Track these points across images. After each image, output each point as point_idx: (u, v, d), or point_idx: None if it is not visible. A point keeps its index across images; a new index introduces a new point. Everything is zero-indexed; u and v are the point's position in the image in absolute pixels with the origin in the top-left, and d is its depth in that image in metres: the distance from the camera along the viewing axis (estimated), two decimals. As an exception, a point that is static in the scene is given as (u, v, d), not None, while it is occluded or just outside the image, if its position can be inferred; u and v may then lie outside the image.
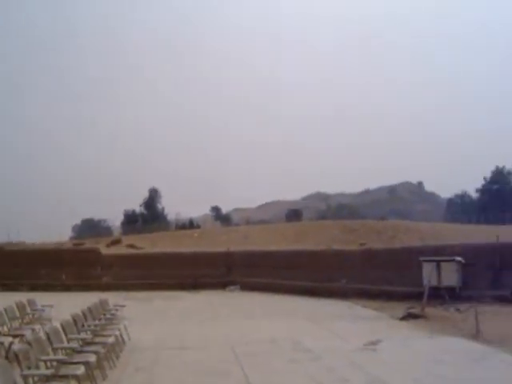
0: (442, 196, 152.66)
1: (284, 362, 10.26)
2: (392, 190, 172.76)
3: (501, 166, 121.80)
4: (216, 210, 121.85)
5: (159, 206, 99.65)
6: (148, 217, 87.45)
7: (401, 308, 16.30)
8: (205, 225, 73.45)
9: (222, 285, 24.80)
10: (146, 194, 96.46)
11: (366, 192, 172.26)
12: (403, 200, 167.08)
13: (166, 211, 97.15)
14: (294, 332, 13.54)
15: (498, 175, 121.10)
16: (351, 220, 41.35)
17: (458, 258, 17.14)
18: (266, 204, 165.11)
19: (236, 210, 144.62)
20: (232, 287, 24.49)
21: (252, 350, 11.50)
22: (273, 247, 26.93)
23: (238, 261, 25.56)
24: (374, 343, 11.67)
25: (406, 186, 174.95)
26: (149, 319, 16.29)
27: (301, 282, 21.87)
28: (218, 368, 9.82)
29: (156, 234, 42.19)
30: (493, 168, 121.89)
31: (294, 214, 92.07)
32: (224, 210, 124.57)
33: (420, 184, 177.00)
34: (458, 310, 15.68)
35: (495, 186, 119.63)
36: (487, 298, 16.59)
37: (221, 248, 27.62)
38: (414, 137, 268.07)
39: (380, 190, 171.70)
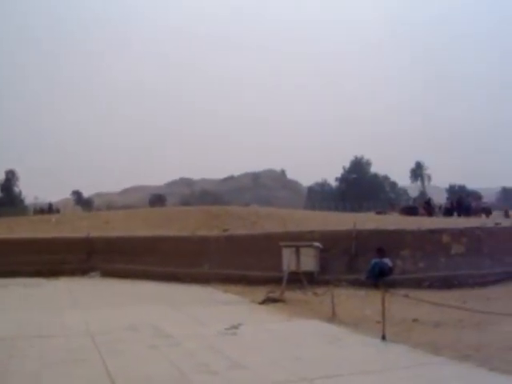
0: (304, 184, 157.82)
1: (144, 349, 10.15)
2: (256, 177, 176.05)
3: (359, 155, 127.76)
4: (77, 194, 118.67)
5: (16, 190, 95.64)
6: (4, 200, 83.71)
7: (261, 292, 16.62)
8: (65, 209, 71.31)
9: (82, 271, 24.09)
10: (2, 177, 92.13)
11: (230, 178, 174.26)
12: (266, 187, 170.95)
13: (24, 195, 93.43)
14: (155, 318, 13.40)
15: (357, 165, 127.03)
16: (215, 206, 41.66)
17: (316, 244, 17.69)
18: (129, 189, 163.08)
19: (98, 194, 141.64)
20: (92, 274, 23.88)
21: (112, 337, 11.29)
22: (135, 233, 26.55)
23: (98, 247, 24.93)
24: (234, 327, 11.82)
25: (269, 173, 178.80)
26: (4, 307, 15.54)
27: (163, 268, 21.71)
28: (77, 356, 9.54)
29: (12, 218, 40.34)
30: (352, 158, 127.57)
31: (157, 199, 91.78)
32: (86, 194, 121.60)
33: (283, 172, 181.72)
34: (315, 293, 16.20)
35: (353, 175, 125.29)
36: (343, 282, 17.28)
37: (81, 233, 26.85)
38: (278, 124, 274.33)
39: (244, 176, 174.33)
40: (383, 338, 10.31)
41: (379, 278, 16.68)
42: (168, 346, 10.38)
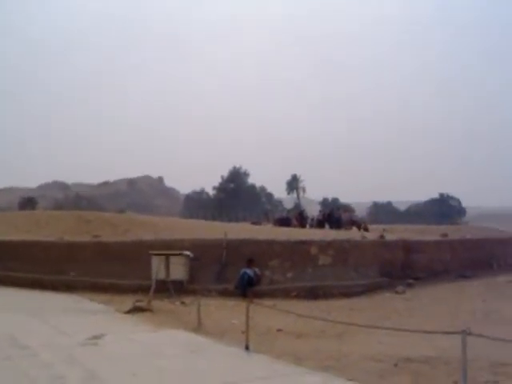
0: (182, 192, 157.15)
1: (-2, 360, 9.62)
2: (132, 183, 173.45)
3: (238, 166, 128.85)
4: None
5: None
6: None
7: (129, 301, 16.20)
8: None
9: None
10: None
11: (106, 184, 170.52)
12: (143, 193, 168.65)
13: None
14: (13, 327, 12.73)
15: (235, 175, 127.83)
16: (89, 211, 40.58)
17: (187, 253, 17.54)
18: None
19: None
20: None
21: (-38, 348, 10.64)
22: (1, 237, 25.23)
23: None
24: (96, 337, 11.44)
25: (146, 179, 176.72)
26: None
27: (27, 274, 20.74)
28: None
29: None
30: (230, 167, 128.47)
31: (27, 202, 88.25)
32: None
33: (160, 179, 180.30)
34: (183, 303, 16.07)
35: (232, 185, 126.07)
36: (212, 292, 17.26)
37: None
38: (156, 131, 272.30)
39: (120, 182, 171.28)
40: (247, 348, 10.30)
41: (248, 288, 16.79)
42: (24, 357, 9.90)
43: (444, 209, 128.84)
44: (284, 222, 38.93)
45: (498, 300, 17.46)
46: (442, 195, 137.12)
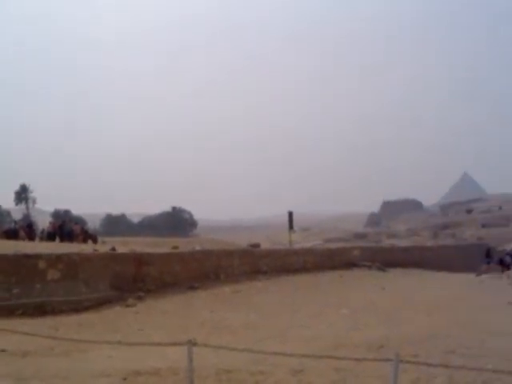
0: None
1: None
2: None
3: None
4: None
5: None
6: None
7: None
8: None
9: None
10: None
11: None
12: None
13: None
14: None
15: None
16: None
17: None
18: None
19: None
20: None
21: None
22: None
23: None
24: None
25: None
26: None
27: None
28: None
29: None
30: None
31: None
32: None
33: None
34: None
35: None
36: None
37: None
38: None
39: None
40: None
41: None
42: None
43: (176, 221, 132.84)
44: (11, 234, 37.00)
45: (225, 310, 18.43)
46: (174, 208, 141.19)
